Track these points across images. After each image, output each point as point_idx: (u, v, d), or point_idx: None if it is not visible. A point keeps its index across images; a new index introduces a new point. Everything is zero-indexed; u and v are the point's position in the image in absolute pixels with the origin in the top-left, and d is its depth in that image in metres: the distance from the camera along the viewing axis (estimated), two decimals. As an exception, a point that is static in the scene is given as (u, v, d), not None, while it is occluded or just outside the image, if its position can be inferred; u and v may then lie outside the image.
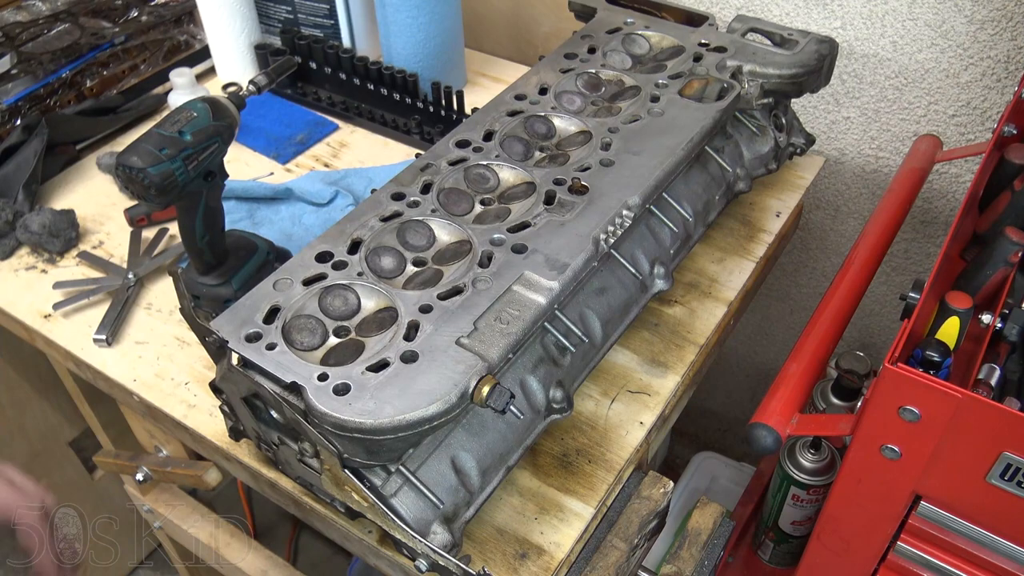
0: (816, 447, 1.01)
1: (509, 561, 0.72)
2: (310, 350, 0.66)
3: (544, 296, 0.68)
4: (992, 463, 0.59)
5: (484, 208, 0.79)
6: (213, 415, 0.83)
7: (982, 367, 0.65)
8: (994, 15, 0.99)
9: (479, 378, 0.61)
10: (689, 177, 0.92)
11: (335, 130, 1.21)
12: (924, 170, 0.94)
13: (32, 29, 1.24)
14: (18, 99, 1.12)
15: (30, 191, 1.06)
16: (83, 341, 0.91)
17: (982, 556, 0.67)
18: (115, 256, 1.01)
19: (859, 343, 1.39)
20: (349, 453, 0.62)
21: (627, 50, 1.00)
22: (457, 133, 0.86)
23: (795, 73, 0.93)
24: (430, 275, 0.72)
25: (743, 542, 1.19)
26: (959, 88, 1.06)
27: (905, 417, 0.60)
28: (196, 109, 0.76)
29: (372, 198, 0.79)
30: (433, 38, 1.18)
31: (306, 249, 0.73)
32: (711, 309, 0.93)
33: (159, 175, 0.73)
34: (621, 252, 0.82)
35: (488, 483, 0.71)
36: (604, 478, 0.78)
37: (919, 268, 1.24)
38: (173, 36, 1.30)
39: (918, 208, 1.18)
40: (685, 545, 0.81)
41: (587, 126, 0.87)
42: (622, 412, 0.84)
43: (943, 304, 0.68)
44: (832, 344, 0.77)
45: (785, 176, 1.11)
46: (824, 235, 1.30)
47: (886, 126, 1.15)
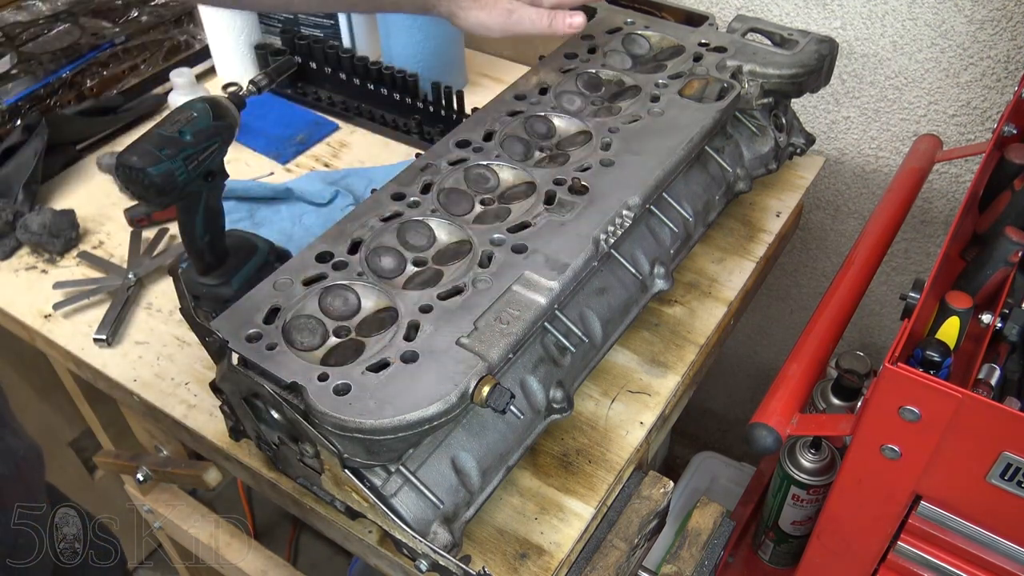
0: (816, 447, 1.01)
1: (509, 561, 0.72)
2: (310, 350, 0.66)
3: (544, 296, 0.68)
4: (992, 463, 0.59)
5: (484, 208, 0.79)
6: (213, 415, 0.83)
7: (982, 367, 0.65)
8: (994, 15, 0.99)
9: (479, 378, 0.61)
10: (689, 177, 0.92)
11: (335, 130, 1.21)
12: (924, 170, 0.94)
13: (32, 29, 1.24)
14: (18, 99, 1.12)
15: (30, 191, 1.06)
16: (83, 341, 0.91)
17: (982, 556, 0.67)
18: (115, 256, 1.01)
19: (859, 343, 1.39)
20: (349, 453, 0.62)
21: (627, 50, 1.00)
22: (457, 133, 0.86)
23: (795, 73, 0.93)
24: (430, 275, 0.72)
25: (743, 542, 1.19)
26: (959, 88, 1.06)
27: (905, 417, 0.60)
28: (196, 109, 0.76)
29: (372, 198, 0.79)
30: (433, 38, 1.18)
31: (306, 249, 0.73)
32: (711, 309, 0.93)
33: (159, 175, 0.73)
34: (621, 252, 0.82)
35: (488, 483, 0.71)
36: (604, 478, 0.78)
37: (919, 268, 1.24)
38: (173, 36, 1.30)
39: (918, 208, 1.18)
40: (685, 545, 0.81)
41: (587, 126, 0.87)
42: (622, 412, 0.84)
43: (943, 304, 0.68)
44: (832, 344, 0.77)
45: (785, 176, 1.11)
46: (824, 235, 1.30)
47: (886, 126, 1.15)
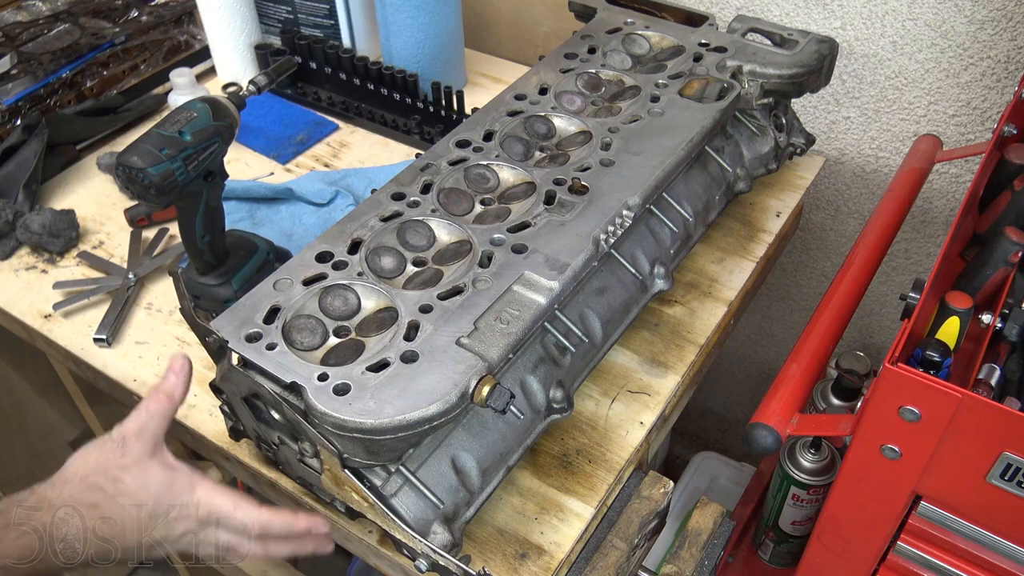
0: (816, 447, 1.01)
1: (509, 561, 0.72)
2: (310, 350, 0.66)
3: (544, 296, 0.68)
4: (992, 463, 0.59)
5: (484, 208, 0.79)
6: (213, 415, 0.83)
7: (982, 367, 0.65)
8: (994, 15, 0.99)
9: (479, 378, 0.61)
10: (689, 177, 0.92)
11: (335, 130, 1.21)
12: (924, 170, 0.94)
13: (32, 29, 1.24)
14: (18, 99, 1.12)
15: (30, 191, 1.06)
16: (83, 341, 0.91)
17: (982, 556, 0.67)
18: (115, 256, 1.01)
19: (859, 343, 1.39)
20: (349, 453, 0.62)
21: (627, 50, 1.00)
22: (457, 133, 0.86)
23: (795, 73, 0.93)
24: (430, 275, 0.72)
25: (743, 542, 1.19)
26: (959, 88, 1.06)
27: (905, 417, 0.60)
28: (196, 109, 0.76)
29: (372, 198, 0.79)
30: (433, 38, 1.18)
31: (306, 249, 0.73)
32: (711, 309, 0.93)
33: (159, 175, 0.73)
34: (621, 252, 0.82)
35: (488, 483, 0.71)
36: (604, 478, 0.78)
37: (919, 268, 1.24)
38: (173, 36, 1.30)
39: (918, 208, 1.18)
40: (685, 545, 0.81)
41: (587, 126, 0.87)
42: (622, 412, 0.84)
43: (943, 304, 0.68)
44: (832, 344, 0.77)
45: (785, 176, 1.11)
46: (824, 235, 1.30)
47: (886, 126, 1.15)
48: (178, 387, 0.66)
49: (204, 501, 0.61)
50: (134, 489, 0.60)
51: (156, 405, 0.64)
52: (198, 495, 0.62)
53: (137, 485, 0.60)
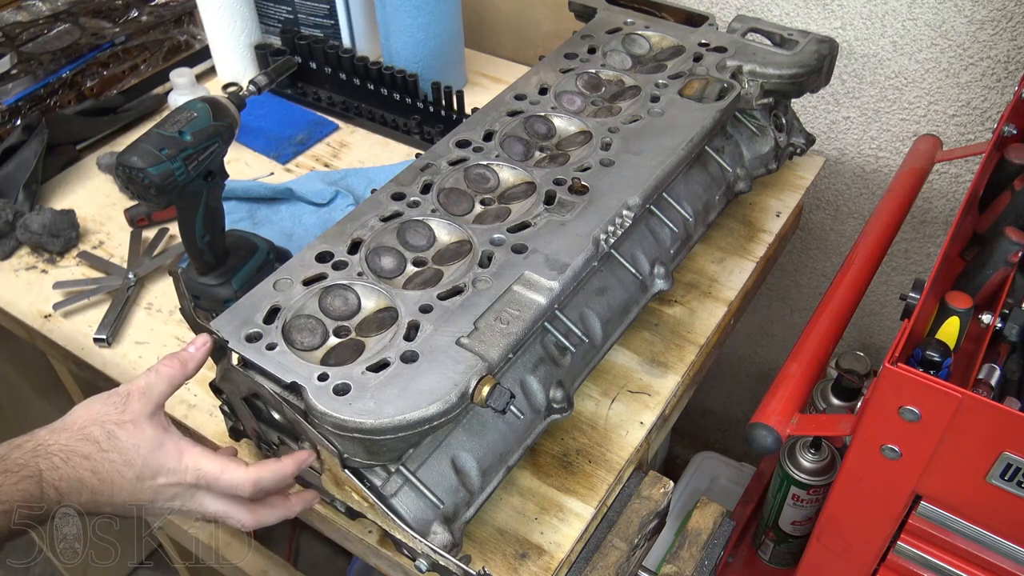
0: (816, 447, 1.01)
1: (509, 561, 0.72)
2: (310, 350, 0.66)
3: (544, 296, 0.68)
4: (992, 463, 0.59)
5: (484, 208, 0.79)
6: (213, 415, 0.83)
7: (982, 367, 0.65)
8: (994, 15, 0.99)
9: (479, 378, 0.61)
10: (689, 177, 0.92)
11: (335, 130, 1.21)
12: (924, 170, 0.94)
13: (32, 29, 1.24)
14: (18, 99, 1.12)
15: (30, 191, 1.06)
16: (83, 341, 0.91)
17: (982, 556, 0.67)
18: (115, 256, 1.01)
19: (859, 343, 1.39)
20: (349, 453, 0.62)
21: (627, 50, 1.00)
22: (457, 133, 0.86)
23: (795, 73, 0.93)
24: (430, 275, 0.72)
25: (743, 542, 1.19)
26: (959, 88, 1.06)
27: (905, 417, 0.60)
28: (196, 109, 0.76)
29: (372, 198, 0.79)
30: (433, 38, 1.18)
31: (306, 249, 0.73)
32: (711, 309, 0.93)
33: (159, 175, 0.73)
34: (621, 252, 0.82)
35: (488, 483, 0.71)
36: (604, 478, 0.78)
37: (919, 268, 1.24)
38: (173, 36, 1.30)
39: (918, 208, 1.18)
40: (685, 545, 0.81)
41: (587, 126, 0.87)
42: (622, 412, 0.84)
43: (943, 304, 0.68)
44: (832, 344, 0.77)
45: (785, 176, 1.11)
46: (824, 235, 1.30)
47: (886, 126, 1.15)
48: (194, 358, 0.66)
49: (191, 466, 0.62)
50: (126, 447, 0.60)
51: (167, 369, 0.64)
52: (186, 461, 0.62)
53: (130, 443, 0.60)
